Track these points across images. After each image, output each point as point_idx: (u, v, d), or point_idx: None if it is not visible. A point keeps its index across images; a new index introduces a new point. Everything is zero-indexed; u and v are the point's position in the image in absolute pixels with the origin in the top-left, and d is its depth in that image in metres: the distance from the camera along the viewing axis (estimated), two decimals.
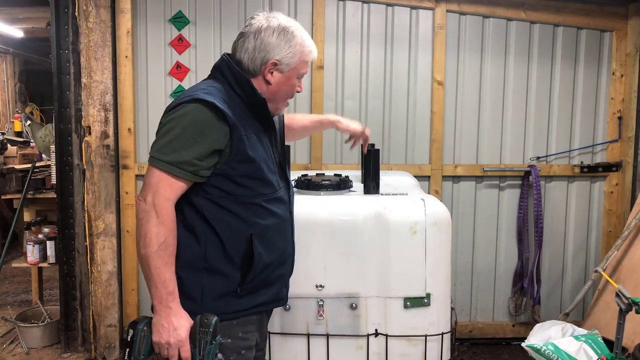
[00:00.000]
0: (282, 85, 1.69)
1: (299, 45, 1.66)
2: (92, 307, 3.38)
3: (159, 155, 1.51)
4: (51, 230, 3.83)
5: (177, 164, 1.50)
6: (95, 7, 3.21)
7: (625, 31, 3.57)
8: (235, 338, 1.65)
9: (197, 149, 1.51)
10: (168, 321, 1.50)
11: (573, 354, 2.55)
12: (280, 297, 1.79)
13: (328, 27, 3.44)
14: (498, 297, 3.70)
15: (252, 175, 1.61)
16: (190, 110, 1.53)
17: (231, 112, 1.57)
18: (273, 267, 1.70)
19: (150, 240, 1.48)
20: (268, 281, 1.70)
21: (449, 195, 3.61)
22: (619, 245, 3.16)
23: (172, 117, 1.54)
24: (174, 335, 1.50)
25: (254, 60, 1.65)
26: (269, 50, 1.64)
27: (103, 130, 3.30)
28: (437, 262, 2.17)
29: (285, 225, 1.75)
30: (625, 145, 3.62)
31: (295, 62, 1.67)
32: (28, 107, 8.52)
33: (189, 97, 1.56)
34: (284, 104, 1.77)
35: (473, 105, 3.58)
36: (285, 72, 1.68)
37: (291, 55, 1.66)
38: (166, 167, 1.50)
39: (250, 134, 1.61)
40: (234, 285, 1.62)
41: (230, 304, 1.62)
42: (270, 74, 1.67)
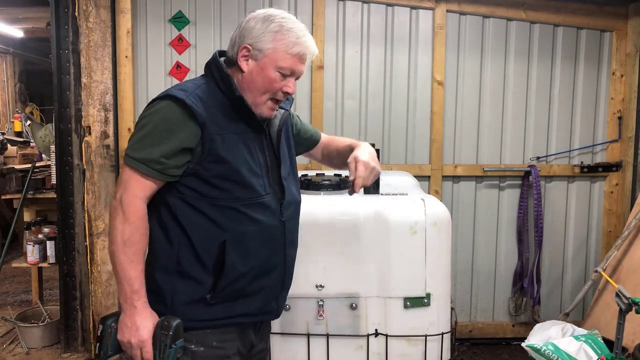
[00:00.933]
0: (255, 76, 1.55)
1: (277, 32, 1.53)
2: (92, 307, 3.38)
3: (129, 152, 1.48)
4: (51, 230, 3.82)
5: (144, 161, 1.46)
6: (95, 7, 3.21)
7: (625, 31, 3.57)
8: (208, 347, 1.57)
9: (164, 146, 1.46)
10: (131, 320, 1.46)
11: (573, 354, 2.55)
12: (266, 310, 1.67)
13: (328, 27, 3.44)
14: (498, 297, 3.70)
15: (228, 177, 1.52)
16: (161, 107, 1.50)
17: (207, 109, 1.50)
18: (251, 277, 1.58)
19: (114, 236, 1.46)
20: (247, 292, 1.59)
21: (449, 195, 3.61)
22: (619, 245, 3.16)
23: (145, 114, 1.52)
24: (135, 335, 1.45)
25: (233, 48, 1.58)
26: (245, 35, 1.55)
27: (103, 130, 3.30)
28: (437, 262, 2.18)
29: (270, 234, 1.60)
30: (625, 145, 3.62)
31: (270, 49, 1.53)
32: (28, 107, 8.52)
33: (163, 94, 1.52)
34: (264, 102, 1.58)
35: (473, 105, 3.58)
36: (259, 60, 1.54)
37: (265, 40, 1.52)
38: (135, 165, 1.47)
39: (228, 133, 1.53)
40: (204, 292, 1.54)
41: (199, 311, 1.54)
42: (245, 61, 1.55)
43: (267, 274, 1.62)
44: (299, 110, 3.48)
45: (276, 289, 1.68)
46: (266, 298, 1.65)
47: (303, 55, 1.57)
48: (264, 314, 1.68)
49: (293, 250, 1.73)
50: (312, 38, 1.61)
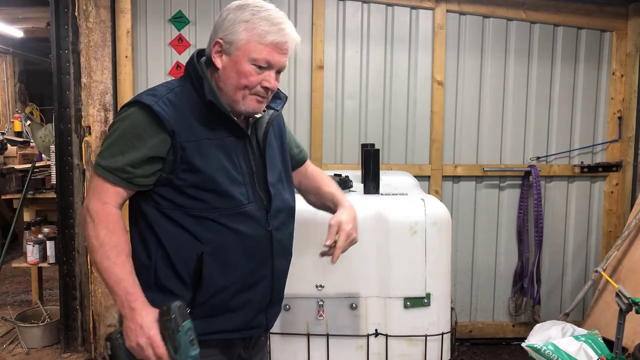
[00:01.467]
0: (229, 71, 1.43)
1: (248, 22, 1.41)
2: (92, 307, 3.38)
3: (98, 160, 1.43)
4: (51, 230, 3.82)
5: (111, 169, 1.40)
6: (95, 7, 3.21)
7: (625, 31, 3.57)
8: None
9: (131, 155, 1.40)
10: (134, 322, 1.36)
11: (573, 354, 2.55)
12: (253, 325, 1.57)
13: (328, 27, 3.44)
14: (498, 297, 3.70)
15: (203, 186, 1.43)
16: (129, 114, 1.43)
17: (178, 115, 1.41)
18: (234, 291, 1.49)
19: (91, 245, 1.39)
20: (229, 306, 1.50)
21: (449, 195, 3.61)
22: (619, 245, 3.16)
23: (115, 121, 1.46)
24: (142, 333, 1.35)
25: (209, 44, 1.48)
26: (217, 29, 1.46)
27: (103, 130, 3.29)
28: (437, 262, 2.18)
29: (254, 245, 1.50)
30: (625, 145, 3.62)
31: (241, 40, 1.41)
32: (28, 107, 8.52)
33: (132, 99, 1.45)
34: (242, 98, 1.46)
35: (473, 105, 3.58)
36: (232, 55, 1.43)
37: (236, 31, 1.41)
38: (102, 173, 1.41)
39: (203, 139, 1.43)
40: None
41: None
42: (219, 57, 1.45)
43: (251, 287, 1.52)
44: (299, 110, 3.48)
45: (263, 302, 1.57)
46: (252, 312, 1.55)
47: (279, 45, 1.43)
48: (250, 329, 1.57)
49: (284, 261, 1.61)
50: (291, 26, 1.47)
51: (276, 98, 1.63)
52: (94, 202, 1.41)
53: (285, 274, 1.65)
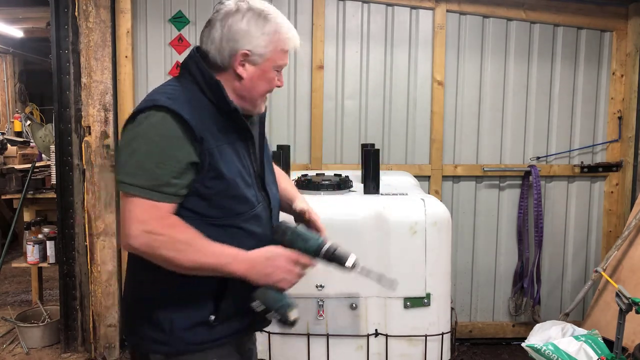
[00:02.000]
0: (257, 80, 1.45)
1: (273, 31, 1.43)
2: (92, 307, 3.38)
3: (130, 180, 1.32)
4: (51, 230, 3.82)
5: (154, 187, 1.31)
6: (95, 7, 3.21)
7: (625, 31, 3.57)
8: None
9: (171, 166, 1.33)
10: (261, 266, 1.39)
11: (573, 354, 2.55)
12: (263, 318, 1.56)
13: (328, 27, 3.44)
14: (498, 297, 3.70)
15: (228, 193, 1.41)
16: (154, 122, 1.34)
17: (199, 120, 1.37)
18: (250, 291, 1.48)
19: (179, 261, 1.33)
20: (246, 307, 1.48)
21: (449, 195, 3.61)
22: (619, 245, 3.16)
23: (136, 132, 1.35)
24: (277, 262, 1.40)
25: (221, 52, 1.43)
26: (239, 38, 1.41)
27: (103, 130, 3.29)
28: (437, 262, 2.18)
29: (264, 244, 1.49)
30: (625, 145, 3.62)
31: (270, 51, 1.43)
32: (28, 107, 8.52)
33: (150, 103, 1.36)
34: (262, 101, 1.51)
35: (473, 105, 3.58)
36: (260, 64, 1.44)
37: (265, 43, 1.42)
38: (143, 194, 1.31)
39: (223, 144, 1.41)
40: (206, 315, 1.44)
41: (201, 335, 1.45)
42: (242, 66, 1.43)
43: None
44: (299, 110, 3.48)
45: None
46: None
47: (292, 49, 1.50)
48: (261, 322, 1.60)
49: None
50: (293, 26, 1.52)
51: None
52: (150, 224, 1.32)
53: None
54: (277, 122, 3.48)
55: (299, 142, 3.50)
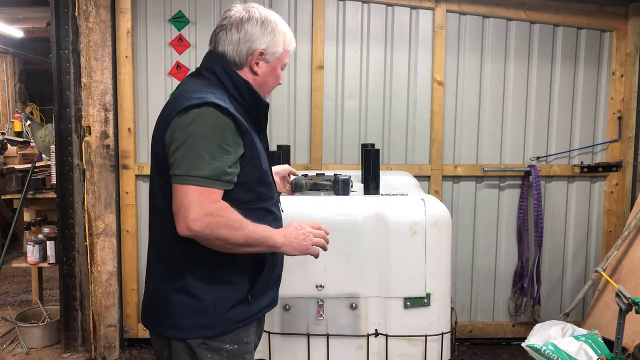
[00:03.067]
0: (268, 76, 1.67)
1: (282, 34, 1.66)
2: (92, 307, 3.38)
3: (192, 172, 1.45)
4: (51, 230, 3.82)
5: (215, 176, 1.46)
6: (95, 7, 3.21)
7: (625, 31, 3.57)
8: (241, 343, 1.63)
9: (228, 156, 1.49)
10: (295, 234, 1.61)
11: (573, 354, 2.55)
12: (277, 297, 1.80)
13: (328, 27, 3.44)
14: (498, 297, 3.70)
15: (262, 180, 1.62)
16: (209, 118, 1.47)
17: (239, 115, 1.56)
18: (276, 269, 1.73)
19: (235, 238, 1.48)
20: (270, 284, 1.71)
21: (449, 195, 3.61)
22: (619, 245, 3.16)
23: (192, 129, 1.47)
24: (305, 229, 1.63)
25: (239, 52, 1.62)
26: (254, 40, 1.61)
27: (103, 130, 3.30)
28: (437, 262, 2.17)
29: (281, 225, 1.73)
30: (625, 145, 3.62)
31: (279, 51, 1.66)
32: (28, 107, 8.52)
33: (201, 101, 1.48)
34: (268, 96, 1.75)
35: (473, 105, 3.58)
36: (271, 62, 1.66)
37: (276, 44, 1.65)
38: (205, 183, 1.45)
39: (255, 137, 1.61)
40: (244, 293, 1.61)
41: (241, 312, 1.61)
42: (257, 64, 1.64)
43: (280, 264, 1.76)
44: (299, 110, 3.48)
45: (280, 277, 1.80)
46: (278, 286, 1.79)
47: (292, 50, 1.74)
48: (275, 301, 1.78)
49: None
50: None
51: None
52: (208, 206, 1.45)
53: None
54: (277, 122, 3.48)
55: (299, 142, 3.50)
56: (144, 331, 3.50)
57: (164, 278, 1.61)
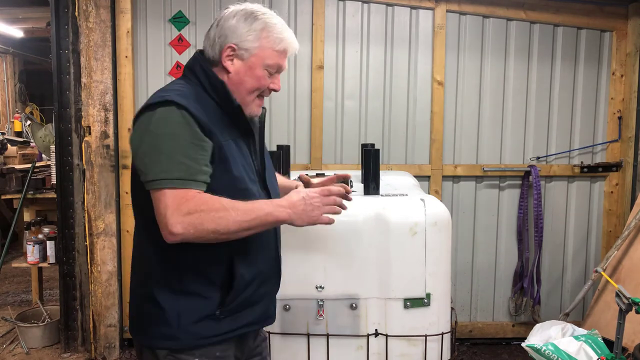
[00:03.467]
0: (243, 76, 1.50)
1: (262, 29, 1.49)
2: (92, 307, 3.38)
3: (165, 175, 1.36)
4: (51, 230, 3.82)
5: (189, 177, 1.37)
6: (95, 7, 3.21)
7: (625, 31, 3.57)
8: (211, 358, 1.52)
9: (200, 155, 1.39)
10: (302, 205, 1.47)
11: (573, 354, 2.55)
12: (267, 315, 1.65)
13: (328, 27, 3.44)
14: (498, 297, 3.70)
15: (235, 186, 1.46)
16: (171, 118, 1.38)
17: (206, 115, 1.42)
18: (256, 286, 1.55)
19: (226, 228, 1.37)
20: (252, 301, 1.55)
21: (449, 195, 3.61)
22: (619, 245, 3.16)
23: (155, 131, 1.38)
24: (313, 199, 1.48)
25: (214, 48, 1.51)
26: (227, 35, 1.48)
27: (103, 130, 3.29)
28: (437, 262, 2.17)
29: (268, 241, 1.58)
30: (625, 145, 3.62)
31: (257, 47, 1.48)
32: (28, 107, 8.52)
33: (161, 99, 1.40)
34: (252, 101, 1.54)
35: (473, 105, 3.57)
36: (246, 60, 1.49)
37: (251, 39, 1.48)
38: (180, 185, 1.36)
39: (228, 140, 1.47)
40: (212, 308, 1.48)
41: (209, 328, 1.49)
42: (230, 61, 1.50)
43: (268, 279, 1.60)
44: (299, 110, 3.48)
45: (274, 293, 1.67)
46: (268, 304, 1.63)
47: (287, 51, 1.54)
48: (266, 319, 1.65)
49: (280, 252, 1.70)
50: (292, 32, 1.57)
51: None
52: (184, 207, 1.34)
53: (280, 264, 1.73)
54: (277, 122, 3.48)
55: (299, 142, 3.50)
56: None
57: (136, 283, 1.56)
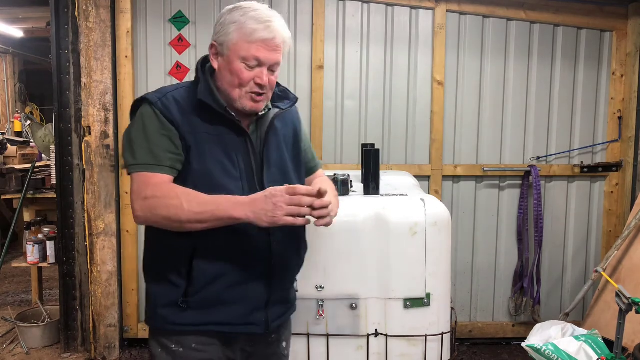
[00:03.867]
0: (224, 71, 1.50)
1: (236, 22, 1.46)
2: (92, 307, 3.37)
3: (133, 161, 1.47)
4: (51, 230, 3.82)
5: (152, 161, 1.45)
6: (95, 7, 3.21)
7: (625, 31, 3.57)
8: (187, 348, 1.55)
9: (163, 142, 1.46)
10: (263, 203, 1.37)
11: (573, 354, 2.55)
12: (251, 321, 1.58)
13: (328, 27, 3.44)
14: (498, 297, 3.70)
15: (200, 178, 1.47)
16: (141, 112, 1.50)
17: (181, 110, 1.48)
18: (226, 284, 1.52)
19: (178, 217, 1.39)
20: (224, 300, 1.53)
21: (449, 195, 3.61)
22: (619, 245, 3.16)
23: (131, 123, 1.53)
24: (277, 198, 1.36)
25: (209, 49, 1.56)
26: (214, 32, 1.52)
27: (103, 130, 3.29)
28: (437, 262, 2.17)
29: (247, 240, 1.51)
30: (625, 145, 3.62)
31: (230, 41, 1.46)
32: (28, 107, 8.52)
33: (140, 97, 1.54)
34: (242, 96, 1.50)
35: (473, 105, 3.57)
36: (225, 55, 1.48)
37: (226, 32, 1.47)
38: (143, 169, 1.45)
39: (202, 133, 1.48)
40: (177, 297, 1.52)
41: (173, 315, 1.53)
42: (215, 58, 1.52)
43: (245, 283, 1.55)
44: (299, 110, 3.47)
45: (260, 300, 1.58)
46: (248, 308, 1.57)
47: (267, 41, 1.46)
48: (247, 325, 1.58)
49: (285, 262, 1.61)
50: (281, 23, 1.50)
51: (284, 98, 1.67)
52: (144, 191, 1.43)
53: (288, 276, 1.66)
54: None
55: None
56: (143, 331, 3.50)
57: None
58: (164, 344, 1.57)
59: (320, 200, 1.40)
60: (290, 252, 1.64)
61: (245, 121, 1.56)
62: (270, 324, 1.63)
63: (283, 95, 1.66)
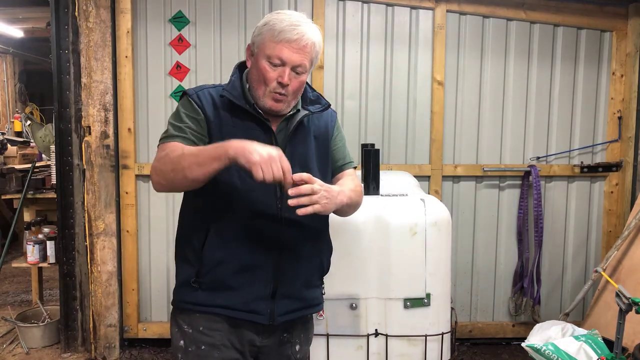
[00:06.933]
0: (253, 69, 1.60)
1: (267, 24, 1.56)
2: (92, 307, 3.38)
3: (163, 135, 1.61)
4: (51, 230, 3.82)
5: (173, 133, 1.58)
6: (95, 7, 3.21)
7: (625, 31, 3.57)
8: (196, 330, 1.63)
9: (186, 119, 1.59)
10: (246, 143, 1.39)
11: (573, 354, 2.55)
12: (253, 309, 1.61)
13: (328, 27, 3.44)
14: (498, 297, 3.70)
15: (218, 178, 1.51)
16: (180, 102, 1.66)
17: (214, 105, 1.60)
18: (232, 269, 1.58)
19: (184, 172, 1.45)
20: (228, 284, 1.59)
21: (449, 195, 3.61)
22: (619, 245, 3.16)
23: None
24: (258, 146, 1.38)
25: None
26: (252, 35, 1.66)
27: (103, 130, 3.29)
28: (437, 262, 2.18)
29: (256, 229, 1.57)
30: (625, 145, 3.62)
31: (260, 40, 1.56)
32: (28, 107, 8.52)
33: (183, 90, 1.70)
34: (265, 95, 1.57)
35: (473, 105, 3.57)
36: (256, 54, 1.59)
37: (258, 33, 1.59)
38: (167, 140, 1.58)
39: (230, 126, 1.58)
40: (191, 276, 1.62)
41: (187, 294, 1.64)
42: (250, 58, 1.64)
43: (250, 270, 1.59)
44: None
45: (264, 290, 1.61)
46: (251, 296, 1.60)
47: (291, 42, 1.52)
48: (249, 313, 1.61)
49: (295, 258, 1.63)
50: (309, 26, 1.56)
51: (316, 103, 1.73)
52: (159, 154, 1.55)
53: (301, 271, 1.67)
54: None
55: None
56: (143, 331, 3.50)
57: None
58: (179, 324, 1.66)
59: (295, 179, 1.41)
60: (305, 248, 1.66)
61: (274, 121, 1.64)
62: (277, 316, 1.64)
63: (315, 100, 1.74)
